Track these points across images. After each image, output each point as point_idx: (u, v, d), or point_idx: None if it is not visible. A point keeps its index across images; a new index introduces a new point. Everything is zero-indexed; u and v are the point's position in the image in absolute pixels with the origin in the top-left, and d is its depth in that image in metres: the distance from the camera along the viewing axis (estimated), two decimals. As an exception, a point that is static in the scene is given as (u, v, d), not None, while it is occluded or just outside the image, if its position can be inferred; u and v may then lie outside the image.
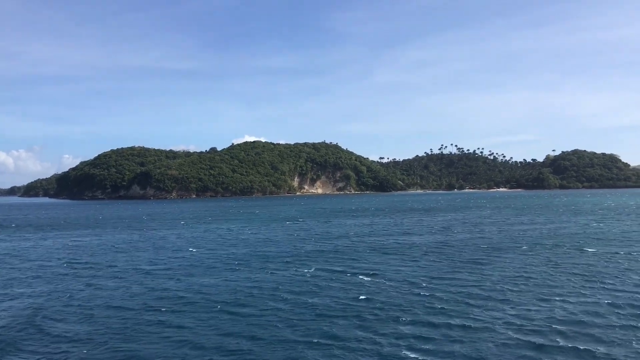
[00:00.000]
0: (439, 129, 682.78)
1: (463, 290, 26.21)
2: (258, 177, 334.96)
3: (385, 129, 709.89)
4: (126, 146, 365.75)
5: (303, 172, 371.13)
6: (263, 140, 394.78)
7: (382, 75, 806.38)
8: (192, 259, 39.90)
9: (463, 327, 19.82)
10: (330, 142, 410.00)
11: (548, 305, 22.75)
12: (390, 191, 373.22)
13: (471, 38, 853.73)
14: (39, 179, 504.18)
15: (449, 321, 20.58)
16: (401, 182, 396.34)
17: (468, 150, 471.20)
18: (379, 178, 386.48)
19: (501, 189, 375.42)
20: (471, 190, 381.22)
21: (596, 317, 20.78)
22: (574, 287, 26.56)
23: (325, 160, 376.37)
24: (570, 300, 23.54)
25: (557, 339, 18.13)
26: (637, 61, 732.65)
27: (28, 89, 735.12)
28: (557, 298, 24.08)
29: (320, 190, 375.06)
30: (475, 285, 27.21)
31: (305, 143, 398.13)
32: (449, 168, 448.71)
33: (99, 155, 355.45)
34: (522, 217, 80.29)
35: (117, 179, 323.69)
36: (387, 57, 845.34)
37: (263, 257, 40.47)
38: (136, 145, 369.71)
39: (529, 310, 22.07)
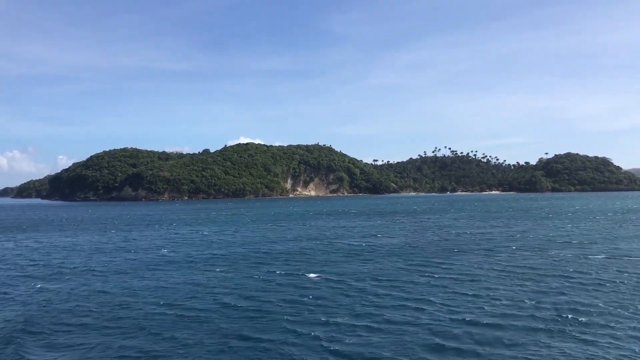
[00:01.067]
0: (434, 132, 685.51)
1: (400, 292, 26.53)
2: (250, 179, 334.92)
3: (381, 131, 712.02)
4: (122, 147, 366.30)
5: (296, 174, 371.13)
6: (259, 142, 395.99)
7: (378, 77, 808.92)
8: (140, 261, 40.15)
9: (381, 325, 20.12)
10: (324, 144, 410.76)
11: (471, 305, 23.05)
12: (383, 193, 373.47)
13: (467, 40, 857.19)
14: (31, 180, 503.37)
15: (369, 320, 20.86)
16: (394, 185, 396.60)
17: (461, 153, 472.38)
18: (372, 180, 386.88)
19: (494, 192, 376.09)
20: (464, 192, 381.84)
21: (513, 318, 21.07)
22: (505, 288, 26.88)
23: (318, 163, 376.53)
24: (495, 301, 23.86)
25: (458, 338, 18.44)
26: (632, 64, 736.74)
27: (23, 90, 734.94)
28: (482, 299, 24.40)
29: (313, 193, 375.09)
30: (413, 286, 27.54)
31: (298, 145, 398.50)
32: (443, 171, 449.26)
33: (91, 156, 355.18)
34: (492, 221, 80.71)
35: (109, 180, 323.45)
36: (384, 59, 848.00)
37: (221, 258, 40.74)
38: (129, 147, 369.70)
39: (451, 310, 22.37)
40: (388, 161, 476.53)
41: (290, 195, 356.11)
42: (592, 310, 22.20)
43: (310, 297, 25.40)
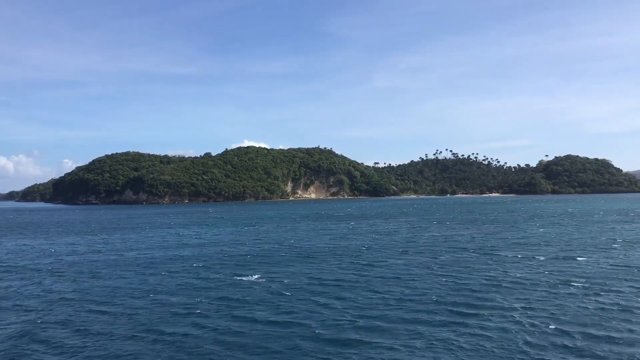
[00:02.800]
0: (436, 134, 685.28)
1: (328, 290, 28.29)
2: (251, 182, 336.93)
3: (383, 134, 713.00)
4: (127, 151, 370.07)
5: (296, 177, 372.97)
6: (263, 145, 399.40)
7: (380, 80, 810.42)
8: (98, 262, 42.12)
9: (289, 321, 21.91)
10: (325, 148, 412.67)
11: (377, 303, 24.73)
12: (383, 196, 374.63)
13: (468, 43, 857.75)
14: (35, 184, 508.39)
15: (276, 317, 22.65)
16: (394, 187, 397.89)
17: (462, 155, 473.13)
18: (372, 183, 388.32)
19: (493, 194, 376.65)
20: (464, 195, 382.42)
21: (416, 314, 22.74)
22: (426, 286, 28.48)
23: (318, 166, 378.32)
24: (403, 298, 25.54)
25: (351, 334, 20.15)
26: (634, 67, 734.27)
27: (28, 94, 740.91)
28: (393, 297, 26.07)
29: (313, 195, 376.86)
30: (347, 285, 29.33)
31: (299, 148, 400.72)
32: (444, 173, 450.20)
33: (93, 160, 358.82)
34: (471, 223, 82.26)
35: (110, 183, 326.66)
36: (386, 62, 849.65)
37: (179, 259, 42.63)
38: (131, 151, 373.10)
39: (361, 307, 24.06)
40: (390, 164, 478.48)
41: (291, 198, 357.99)
42: (486, 304, 23.79)
43: (238, 296, 27.09)
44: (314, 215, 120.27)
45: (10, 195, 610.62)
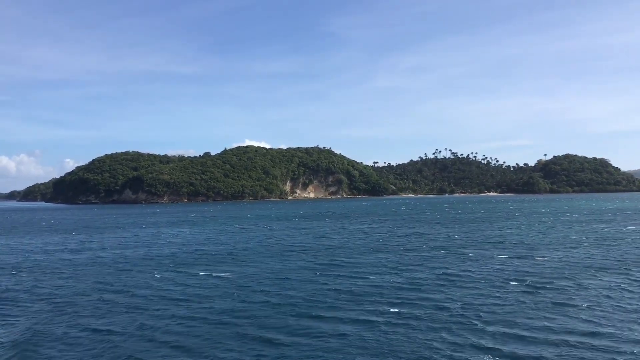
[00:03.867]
0: (436, 134, 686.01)
1: (272, 288, 29.67)
2: (250, 182, 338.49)
3: (384, 133, 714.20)
4: (127, 150, 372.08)
5: (295, 176, 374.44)
6: (264, 145, 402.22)
7: (381, 80, 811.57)
8: (69, 261, 43.59)
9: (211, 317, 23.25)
10: (324, 147, 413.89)
11: (316, 299, 26.02)
12: (382, 195, 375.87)
13: (468, 44, 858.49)
14: (36, 184, 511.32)
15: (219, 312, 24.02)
16: (393, 187, 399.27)
17: (462, 155, 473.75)
18: (371, 182, 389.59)
19: (492, 193, 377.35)
20: (462, 194, 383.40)
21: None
22: (368, 283, 29.75)
23: (317, 165, 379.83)
24: (343, 294, 26.87)
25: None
26: (634, 66, 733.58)
27: (30, 94, 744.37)
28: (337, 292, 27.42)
29: (312, 195, 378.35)
30: (297, 281, 30.70)
31: (298, 148, 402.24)
32: (443, 173, 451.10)
33: (93, 160, 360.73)
34: (452, 222, 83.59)
35: (110, 183, 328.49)
36: (386, 62, 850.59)
37: (150, 258, 44.02)
38: (131, 150, 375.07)
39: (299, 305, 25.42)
40: (389, 163, 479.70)
41: (290, 198, 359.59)
42: (423, 299, 25.09)
43: (191, 293, 28.41)
44: (304, 215, 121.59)
45: (12, 195, 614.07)
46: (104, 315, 23.92)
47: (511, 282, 29.24)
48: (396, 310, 23.42)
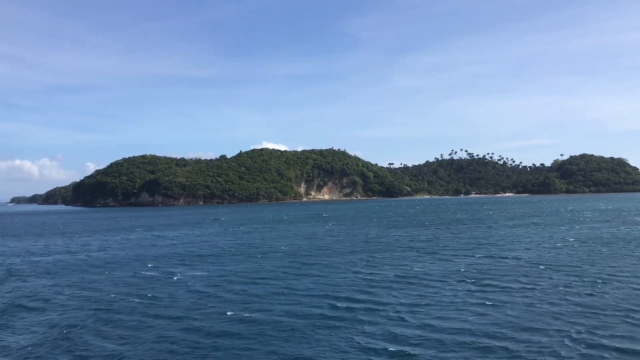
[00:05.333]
0: (455, 134, 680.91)
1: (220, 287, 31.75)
2: (264, 184, 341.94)
3: (401, 134, 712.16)
4: (144, 154, 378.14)
5: (310, 178, 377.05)
6: (281, 147, 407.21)
7: (398, 80, 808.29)
8: (51, 262, 46.20)
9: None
10: (338, 149, 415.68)
11: (271, 300, 27.99)
12: (397, 196, 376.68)
13: (487, 42, 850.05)
14: (57, 187, 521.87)
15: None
16: (408, 188, 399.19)
17: (477, 155, 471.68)
18: (385, 184, 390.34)
19: (507, 194, 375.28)
20: (477, 195, 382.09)
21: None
22: (330, 282, 31.59)
23: (331, 167, 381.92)
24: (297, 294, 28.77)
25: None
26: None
27: (52, 99, 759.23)
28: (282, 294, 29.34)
29: (327, 197, 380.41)
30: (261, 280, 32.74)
31: (312, 150, 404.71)
32: (458, 173, 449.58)
33: (111, 163, 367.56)
34: (449, 224, 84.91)
35: (128, 186, 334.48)
36: (403, 62, 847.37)
37: (132, 259, 46.38)
38: (148, 154, 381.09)
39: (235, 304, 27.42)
40: (405, 164, 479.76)
41: (304, 199, 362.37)
42: (370, 298, 26.81)
43: (151, 292, 30.68)
44: (309, 217, 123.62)
45: (34, 199, 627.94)
46: (56, 309, 26.27)
47: (461, 282, 30.64)
48: (336, 305, 25.21)
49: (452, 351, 18.30)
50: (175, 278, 34.82)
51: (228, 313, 24.36)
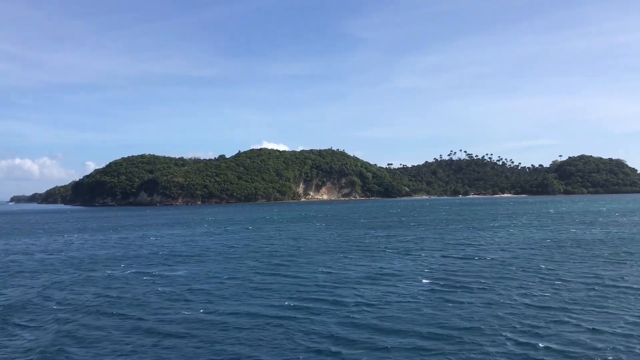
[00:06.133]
0: (455, 135, 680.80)
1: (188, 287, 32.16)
2: (263, 184, 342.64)
3: (402, 134, 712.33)
4: (143, 153, 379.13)
5: (308, 178, 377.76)
6: (281, 147, 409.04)
7: (399, 80, 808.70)
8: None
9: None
10: (337, 149, 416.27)
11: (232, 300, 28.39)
12: (395, 197, 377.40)
13: (488, 42, 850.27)
14: (57, 186, 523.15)
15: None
16: (407, 188, 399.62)
17: (476, 156, 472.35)
18: (384, 184, 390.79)
19: (505, 195, 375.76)
20: (475, 195, 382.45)
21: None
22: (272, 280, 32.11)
23: (330, 167, 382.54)
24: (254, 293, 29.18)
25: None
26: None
27: (52, 97, 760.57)
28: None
29: (325, 197, 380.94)
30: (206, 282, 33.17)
31: (311, 150, 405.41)
32: (457, 174, 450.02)
33: (110, 163, 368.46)
34: (436, 225, 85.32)
35: (126, 186, 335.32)
36: (404, 62, 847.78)
37: (111, 258, 46.88)
38: (147, 153, 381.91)
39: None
40: (404, 165, 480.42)
41: (302, 199, 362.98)
42: (321, 297, 27.18)
43: (115, 292, 31.14)
44: (301, 217, 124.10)
45: (34, 198, 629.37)
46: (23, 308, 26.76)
47: (426, 282, 30.93)
48: (295, 305, 25.56)
49: (393, 350, 18.59)
50: (144, 278, 35.13)
51: (185, 313, 24.64)
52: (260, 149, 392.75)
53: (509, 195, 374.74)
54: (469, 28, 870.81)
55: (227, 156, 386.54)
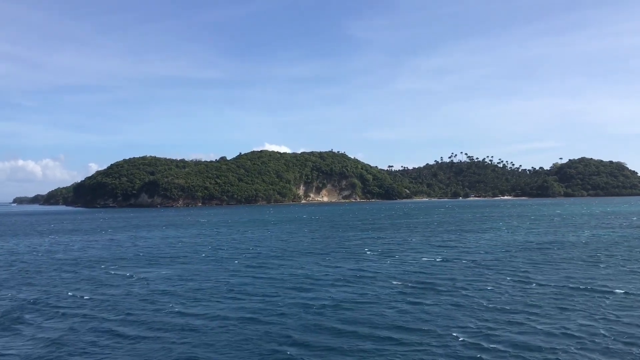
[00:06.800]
0: (458, 137, 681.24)
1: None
2: (263, 186, 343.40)
3: (404, 136, 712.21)
4: (144, 155, 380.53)
5: (309, 180, 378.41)
6: (283, 149, 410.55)
7: (403, 82, 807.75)
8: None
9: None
10: (338, 151, 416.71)
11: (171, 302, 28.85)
12: (395, 199, 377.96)
13: (491, 45, 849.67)
14: (58, 188, 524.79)
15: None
16: (407, 190, 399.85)
17: (477, 158, 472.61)
18: (384, 186, 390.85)
19: (506, 197, 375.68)
20: (476, 198, 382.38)
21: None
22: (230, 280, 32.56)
23: (331, 169, 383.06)
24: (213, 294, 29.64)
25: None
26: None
27: (55, 99, 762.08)
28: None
29: (326, 199, 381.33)
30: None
31: (312, 152, 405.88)
32: (458, 176, 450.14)
33: (111, 164, 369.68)
34: (417, 227, 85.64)
35: (127, 187, 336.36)
36: (408, 64, 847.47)
37: (95, 259, 47.45)
38: (148, 155, 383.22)
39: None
40: (405, 167, 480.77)
41: (303, 201, 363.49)
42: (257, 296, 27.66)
43: (88, 294, 31.54)
44: (295, 219, 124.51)
45: (36, 199, 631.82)
46: None
47: (399, 283, 31.25)
48: (260, 306, 25.94)
49: (343, 351, 18.93)
50: (122, 279, 35.58)
51: (150, 313, 25.04)
52: (261, 151, 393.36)
53: (509, 197, 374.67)
54: (472, 31, 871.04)
55: (229, 158, 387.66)
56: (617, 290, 27.73)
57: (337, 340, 20.09)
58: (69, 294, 30.71)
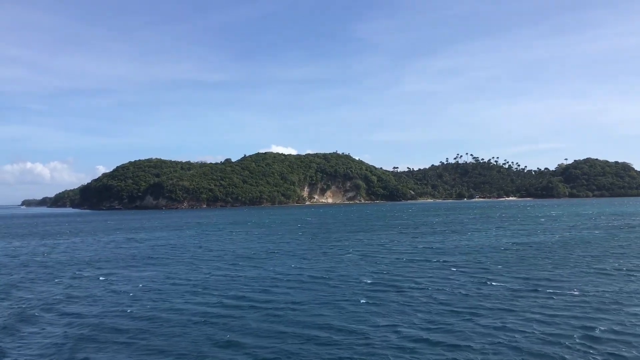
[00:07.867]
0: (464, 138, 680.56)
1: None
2: (267, 188, 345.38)
3: (410, 138, 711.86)
4: (154, 157, 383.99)
5: (313, 182, 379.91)
6: (290, 151, 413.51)
7: (408, 84, 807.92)
8: None
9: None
10: (342, 153, 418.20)
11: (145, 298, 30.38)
12: (400, 200, 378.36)
13: (497, 46, 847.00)
14: (66, 190, 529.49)
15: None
16: (412, 192, 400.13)
17: (483, 159, 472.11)
18: (389, 187, 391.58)
19: (511, 198, 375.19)
20: (481, 199, 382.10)
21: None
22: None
23: (335, 171, 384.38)
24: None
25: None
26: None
27: (63, 102, 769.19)
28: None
29: (330, 200, 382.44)
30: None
31: (316, 154, 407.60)
32: (463, 177, 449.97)
33: (117, 167, 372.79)
34: (409, 230, 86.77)
35: (133, 189, 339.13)
36: (413, 66, 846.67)
37: (83, 260, 49.11)
38: (154, 157, 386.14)
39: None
40: (410, 168, 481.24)
41: (307, 203, 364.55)
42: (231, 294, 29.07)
43: (70, 293, 33.24)
44: (292, 220, 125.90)
45: (44, 201, 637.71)
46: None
47: (368, 283, 32.50)
48: (228, 303, 27.50)
49: (306, 350, 20.35)
50: (107, 279, 37.19)
51: (127, 310, 26.70)
52: (265, 153, 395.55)
53: (514, 198, 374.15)
54: (477, 32, 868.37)
55: (234, 160, 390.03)
56: (568, 292, 28.70)
57: (271, 341, 20.97)
58: (58, 292, 32.25)
